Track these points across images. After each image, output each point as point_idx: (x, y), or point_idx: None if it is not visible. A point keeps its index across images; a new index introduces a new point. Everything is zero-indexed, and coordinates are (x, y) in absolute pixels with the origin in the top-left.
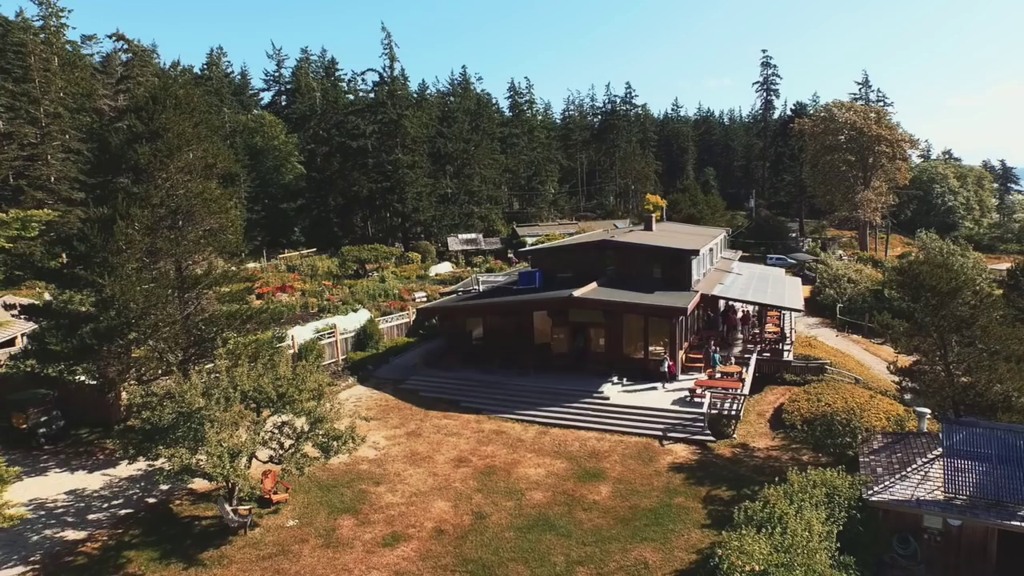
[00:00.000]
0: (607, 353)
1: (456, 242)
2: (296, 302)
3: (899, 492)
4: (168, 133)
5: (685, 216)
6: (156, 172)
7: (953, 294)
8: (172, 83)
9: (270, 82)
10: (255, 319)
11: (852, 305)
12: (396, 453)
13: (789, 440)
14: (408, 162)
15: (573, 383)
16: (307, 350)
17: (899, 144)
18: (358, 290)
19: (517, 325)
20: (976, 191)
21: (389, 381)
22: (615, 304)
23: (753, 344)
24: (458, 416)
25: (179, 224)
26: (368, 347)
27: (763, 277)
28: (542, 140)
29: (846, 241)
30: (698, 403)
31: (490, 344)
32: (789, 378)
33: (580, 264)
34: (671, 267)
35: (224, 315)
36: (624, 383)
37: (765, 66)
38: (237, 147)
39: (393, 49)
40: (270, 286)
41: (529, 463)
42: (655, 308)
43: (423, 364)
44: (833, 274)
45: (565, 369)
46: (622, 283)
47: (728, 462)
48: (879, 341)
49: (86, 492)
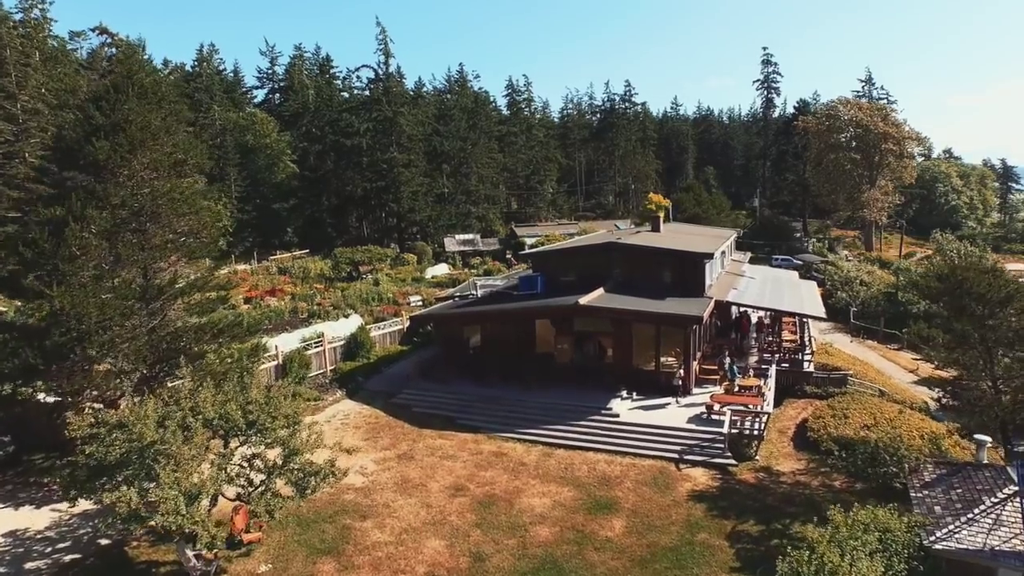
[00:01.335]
0: (616, 364)
1: (453, 243)
2: (285, 307)
3: (968, 539)
4: (131, 126)
5: (689, 216)
6: (117, 169)
7: (1004, 303)
8: (137, 70)
9: (263, 80)
10: (228, 331)
11: (865, 309)
12: (386, 480)
13: (817, 463)
14: (403, 161)
15: (579, 398)
16: (292, 361)
17: (906, 142)
18: (350, 294)
19: (518, 334)
20: (979, 190)
21: (380, 394)
22: (625, 312)
23: (769, 353)
24: (454, 435)
25: (145, 227)
26: (358, 356)
27: (777, 280)
28: (540, 139)
29: (850, 241)
30: (716, 421)
31: (489, 354)
32: (810, 390)
33: (585, 268)
34: (683, 271)
35: (192, 328)
36: (634, 398)
37: (766, 64)
38: (227, 146)
39: (388, 45)
40: (259, 289)
41: (533, 491)
42: (668, 317)
43: (417, 375)
44: (844, 276)
45: (570, 382)
46: (631, 288)
47: (753, 489)
48: (895, 347)
49: (28, 533)
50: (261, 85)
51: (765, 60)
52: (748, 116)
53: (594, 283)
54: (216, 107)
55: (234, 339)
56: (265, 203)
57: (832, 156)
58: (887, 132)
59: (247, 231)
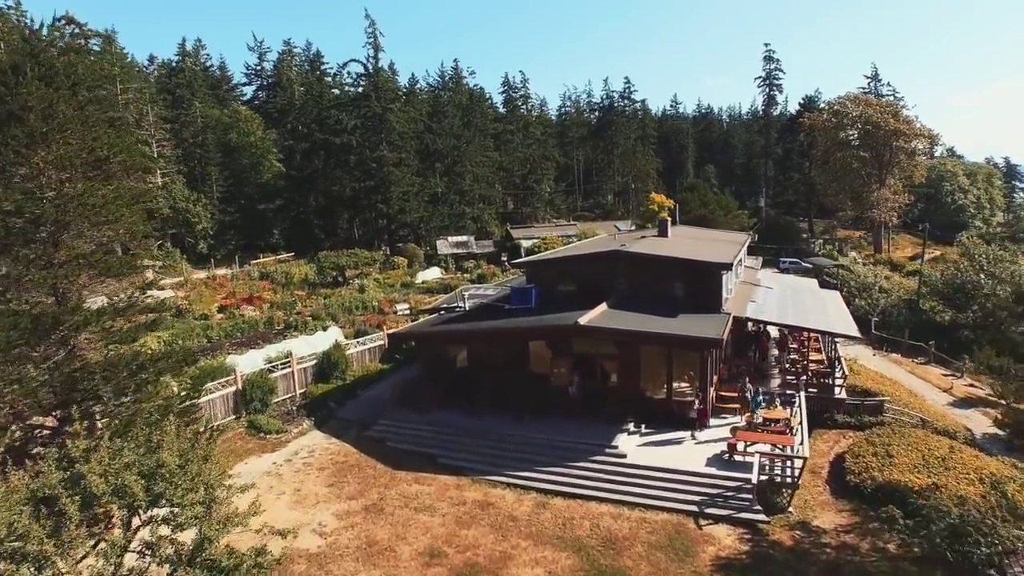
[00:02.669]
0: (621, 391)
1: (446, 245)
2: (261, 317)
3: None
4: (31, 114)
5: (695, 218)
6: (11, 167)
7: None
8: (45, 48)
9: (252, 76)
10: (154, 366)
11: (887, 318)
12: (347, 542)
13: (862, 516)
14: (394, 159)
15: (579, 432)
16: (253, 386)
17: (918, 139)
18: (332, 302)
19: (509, 356)
20: (986, 189)
21: (353, 424)
22: (632, 334)
23: (793, 375)
24: (434, 479)
25: (56, 238)
26: (332, 378)
27: (798, 291)
28: (538, 137)
29: (856, 242)
30: (740, 464)
31: (476, 378)
32: (841, 419)
33: (586, 279)
34: (697, 284)
35: (103, 364)
36: (643, 432)
37: (768, 60)
38: (208, 144)
39: (378, 38)
40: (236, 297)
41: (524, 558)
42: (683, 339)
43: (395, 402)
44: (862, 282)
45: (569, 411)
46: (637, 303)
47: (790, 555)
48: (922, 360)
49: None
50: (249, 82)
51: (767, 56)
52: (749, 114)
53: (596, 296)
54: (198, 103)
55: (158, 375)
56: (250, 204)
57: (839, 154)
58: (898, 129)
59: (229, 233)
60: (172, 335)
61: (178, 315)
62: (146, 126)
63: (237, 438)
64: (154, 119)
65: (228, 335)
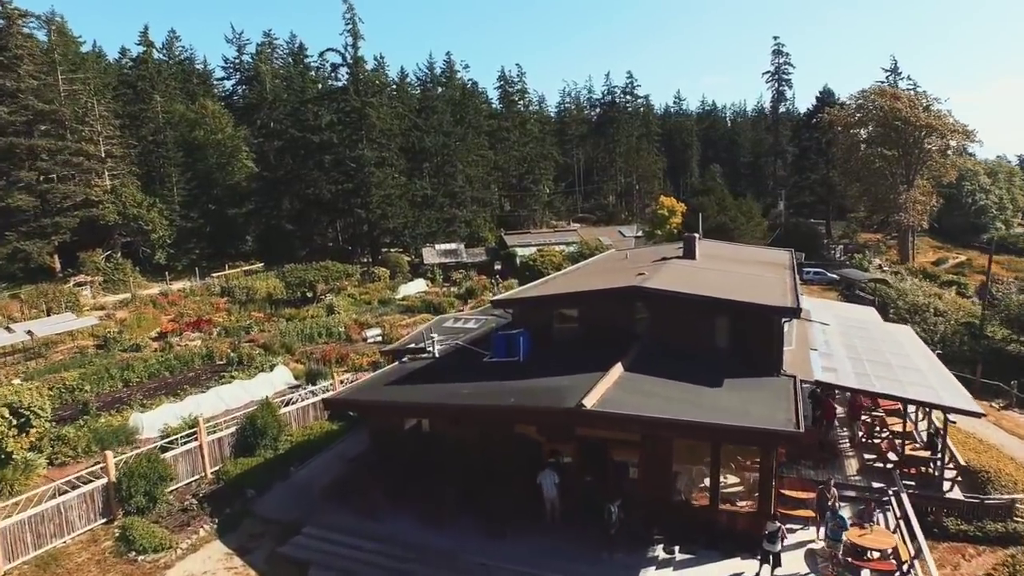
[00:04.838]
0: (645, 492)
1: (433, 254)
2: (200, 350)
3: None
4: None
5: (713, 227)
6: None
7: None
8: None
9: (230, 71)
10: None
11: (947, 347)
12: None
13: None
14: (375, 159)
15: (583, 558)
16: (135, 476)
17: (952, 135)
18: (290, 328)
19: (486, 437)
20: (1008, 188)
21: (272, 529)
22: (660, 423)
23: (880, 459)
24: None
25: None
26: (260, 448)
27: (863, 328)
28: (535, 134)
29: (876, 246)
30: None
31: (440, 466)
32: (953, 526)
33: (593, 322)
34: (747, 333)
35: None
36: (678, 558)
37: (776, 54)
38: (167, 142)
39: (356, 25)
40: (183, 321)
41: None
42: (741, 433)
43: (329, 496)
44: (911, 302)
45: (568, 521)
46: (665, 363)
47: None
48: (1000, 403)
49: None
50: (227, 76)
51: (776, 50)
52: (755, 111)
53: (607, 348)
54: (159, 97)
55: None
56: (218, 208)
57: (862, 152)
58: (930, 125)
59: (192, 241)
60: (80, 377)
61: (103, 346)
62: (91, 121)
63: (93, 562)
64: (101, 114)
65: (154, 375)
